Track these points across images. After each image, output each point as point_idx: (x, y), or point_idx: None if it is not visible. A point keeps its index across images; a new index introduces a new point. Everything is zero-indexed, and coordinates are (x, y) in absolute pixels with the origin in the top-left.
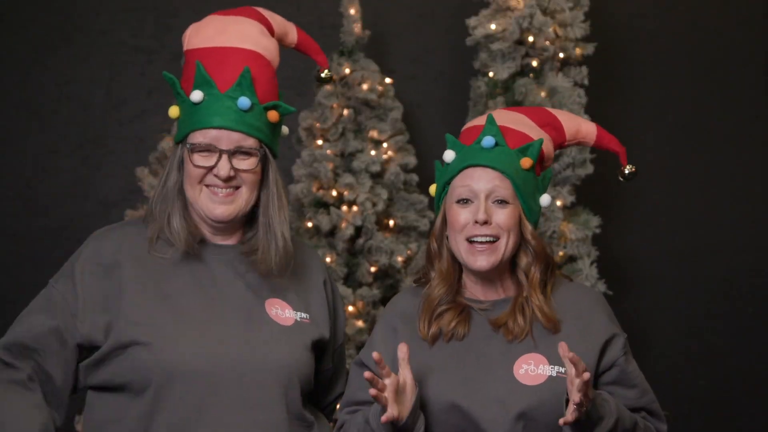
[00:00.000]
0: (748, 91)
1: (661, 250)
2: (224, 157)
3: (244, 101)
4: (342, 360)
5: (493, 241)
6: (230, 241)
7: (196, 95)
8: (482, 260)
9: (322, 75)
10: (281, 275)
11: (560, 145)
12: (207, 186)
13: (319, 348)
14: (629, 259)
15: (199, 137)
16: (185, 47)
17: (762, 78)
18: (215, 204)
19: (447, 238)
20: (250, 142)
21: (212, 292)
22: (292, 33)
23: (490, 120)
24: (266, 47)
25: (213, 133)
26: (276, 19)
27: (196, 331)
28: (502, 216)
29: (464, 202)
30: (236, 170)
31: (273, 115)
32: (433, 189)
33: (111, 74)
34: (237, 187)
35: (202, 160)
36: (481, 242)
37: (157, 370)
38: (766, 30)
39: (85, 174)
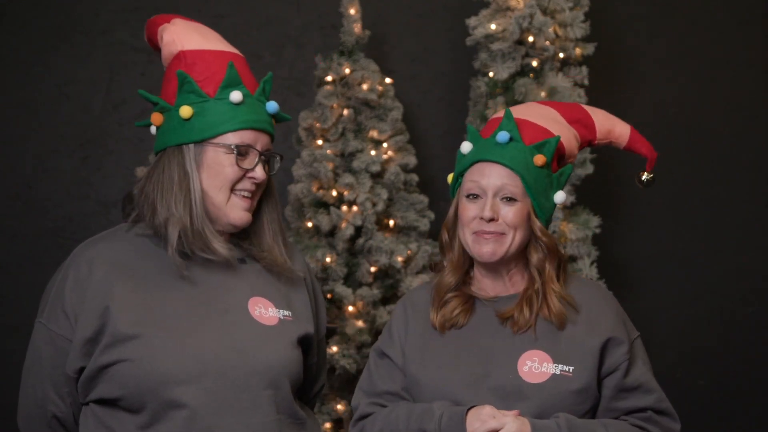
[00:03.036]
0: (749, 91)
1: (661, 249)
2: (260, 159)
3: (273, 105)
4: (323, 353)
5: (501, 234)
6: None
7: (237, 95)
8: (487, 249)
9: None
10: (284, 271)
11: (590, 142)
12: (234, 192)
13: (305, 344)
14: (629, 259)
15: (238, 137)
16: (179, 47)
17: (762, 78)
18: (242, 211)
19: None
20: (271, 146)
21: (195, 299)
22: None
23: (507, 115)
24: None
25: (251, 134)
26: None
27: (182, 340)
28: (510, 213)
29: (473, 197)
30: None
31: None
32: (450, 177)
33: (111, 74)
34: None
35: (243, 162)
36: (488, 232)
37: (146, 385)
38: (766, 30)
39: (85, 174)
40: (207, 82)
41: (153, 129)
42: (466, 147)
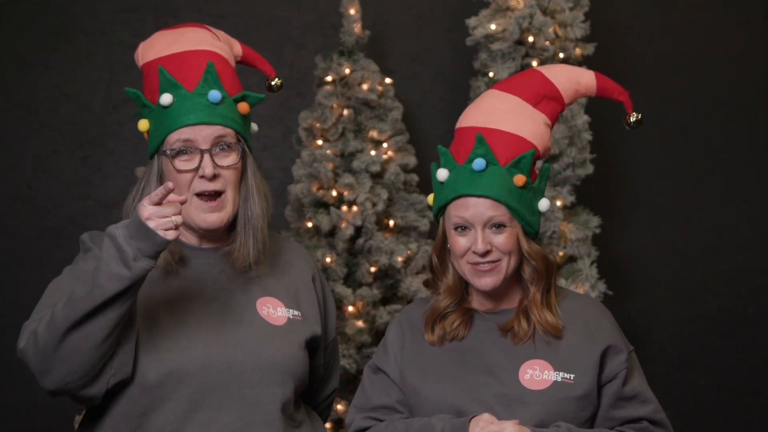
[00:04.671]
0: (749, 90)
1: (661, 249)
2: (206, 156)
3: (214, 94)
4: (335, 355)
5: (497, 261)
6: (218, 244)
7: (166, 98)
8: (486, 280)
9: (272, 83)
10: (257, 269)
11: (561, 112)
12: (196, 195)
13: (312, 345)
14: (629, 259)
15: (174, 138)
16: (140, 63)
17: (762, 78)
18: (206, 213)
19: (450, 253)
20: (228, 134)
21: (203, 297)
22: (236, 46)
23: (479, 139)
24: (221, 48)
25: (189, 131)
26: (221, 33)
27: (190, 336)
28: (501, 239)
29: (461, 229)
30: (219, 168)
31: (243, 107)
32: (431, 198)
33: (111, 74)
34: (221, 193)
35: (183, 164)
36: (485, 264)
37: (151, 375)
38: (766, 30)
39: (85, 174)
40: (152, 93)
41: None
42: (442, 174)
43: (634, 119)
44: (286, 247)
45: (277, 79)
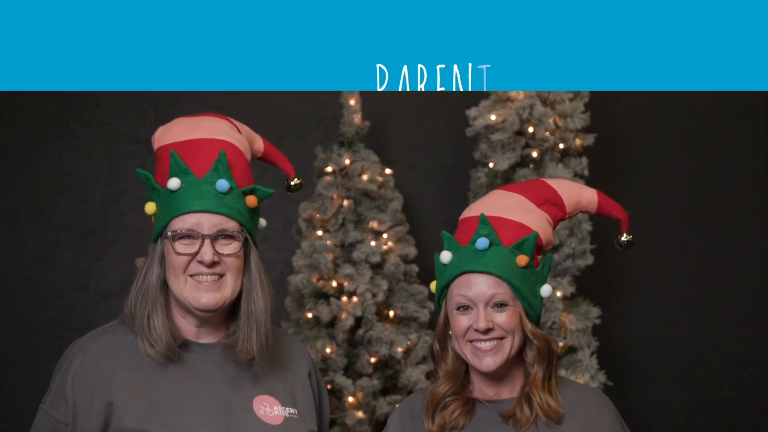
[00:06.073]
0: (749, 178)
1: (662, 340)
2: (207, 242)
3: (222, 183)
4: None
5: (499, 339)
6: (215, 339)
7: (174, 183)
8: (488, 361)
9: (291, 183)
10: (261, 362)
11: (561, 219)
12: (191, 276)
13: None
14: (630, 350)
15: (178, 224)
16: (156, 146)
17: (762, 165)
18: (201, 293)
19: (451, 338)
20: (231, 225)
21: (199, 396)
22: (258, 141)
23: (483, 220)
24: (238, 140)
25: (193, 218)
26: (243, 127)
27: None
28: (503, 318)
29: (464, 308)
30: (220, 255)
31: (251, 200)
32: (433, 285)
33: (111, 165)
34: (221, 275)
35: (184, 247)
36: (486, 342)
37: None
38: (765, 121)
39: (85, 265)
40: (163, 177)
41: None
42: (446, 257)
43: (625, 239)
44: (284, 341)
45: (296, 179)
